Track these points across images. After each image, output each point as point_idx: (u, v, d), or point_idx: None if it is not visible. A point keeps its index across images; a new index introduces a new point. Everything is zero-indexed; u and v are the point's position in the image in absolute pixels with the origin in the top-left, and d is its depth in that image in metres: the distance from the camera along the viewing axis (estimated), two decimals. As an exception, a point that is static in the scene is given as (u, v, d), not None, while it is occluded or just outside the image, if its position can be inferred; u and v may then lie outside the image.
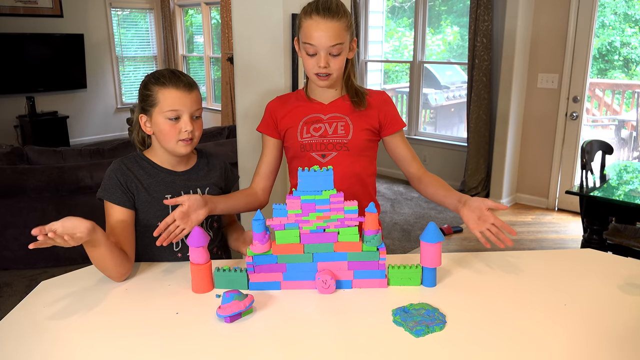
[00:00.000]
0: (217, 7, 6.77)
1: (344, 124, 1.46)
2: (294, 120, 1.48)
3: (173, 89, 1.32)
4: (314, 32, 1.35)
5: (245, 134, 2.43)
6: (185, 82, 1.34)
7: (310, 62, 1.39)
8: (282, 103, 1.52)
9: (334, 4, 1.37)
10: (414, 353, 0.96)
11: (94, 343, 1.01)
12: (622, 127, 5.12)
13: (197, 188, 1.44)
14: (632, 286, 1.20)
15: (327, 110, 1.48)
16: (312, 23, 1.35)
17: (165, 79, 1.33)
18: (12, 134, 6.45)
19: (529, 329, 1.03)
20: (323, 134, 1.45)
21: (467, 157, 4.53)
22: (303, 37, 1.38)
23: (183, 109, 1.32)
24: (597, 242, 2.54)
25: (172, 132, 1.33)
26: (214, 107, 7.41)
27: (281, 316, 1.10)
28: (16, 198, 3.05)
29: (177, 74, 1.35)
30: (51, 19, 6.53)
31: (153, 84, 1.34)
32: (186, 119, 1.33)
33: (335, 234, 1.17)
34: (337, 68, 1.39)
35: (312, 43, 1.36)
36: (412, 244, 3.61)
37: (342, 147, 1.45)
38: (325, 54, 1.36)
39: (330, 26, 1.34)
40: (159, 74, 1.35)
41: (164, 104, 1.32)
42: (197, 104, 1.36)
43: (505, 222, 1.26)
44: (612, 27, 4.64)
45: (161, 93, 1.32)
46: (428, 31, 4.95)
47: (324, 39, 1.34)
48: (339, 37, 1.35)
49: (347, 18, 1.38)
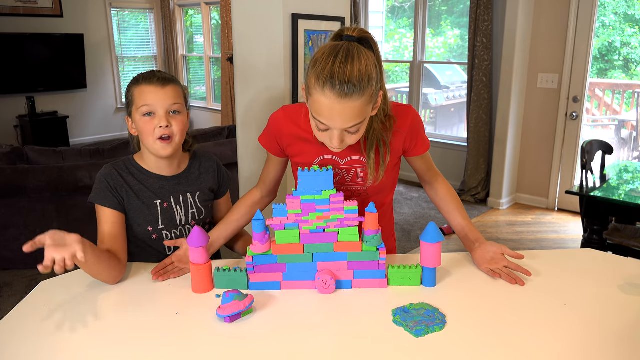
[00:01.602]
0: (217, 7, 6.77)
1: (363, 170, 1.29)
2: (304, 156, 1.30)
3: (146, 85, 1.30)
4: (326, 113, 1.06)
5: (245, 134, 2.43)
6: (158, 77, 1.31)
7: (322, 136, 1.14)
8: (291, 124, 1.29)
9: (356, 75, 1.02)
10: (414, 353, 0.96)
11: (93, 343, 1.01)
12: (622, 127, 5.12)
13: (187, 193, 1.42)
14: (632, 286, 1.20)
15: (344, 154, 1.27)
16: (324, 101, 1.04)
17: (141, 77, 1.33)
18: (12, 134, 6.45)
19: (529, 329, 1.03)
20: (340, 182, 1.31)
21: (467, 157, 4.53)
22: (312, 108, 1.09)
23: (156, 103, 1.30)
24: (597, 242, 2.54)
25: (147, 128, 1.30)
26: (214, 107, 7.41)
27: (281, 316, 1.10)
28: (16, 198, 3.05)
29: (154, 72, 1.34)
30: (51, 19, 6.53)
31: (132, 84, 1.34)
32: (161, 114, 1.30)
33: (335, 234, 1.17)
34: (354, 140, 1.13)
35: (323, 122, 1.08)
36: (412, 244, 3.61)
37: (362, 193, 1.33)
38: (340, 133, 1.10)
39: (349, 107, 1.04)
40: (138, 75, 1.35)
41: (138, 101, 1.31)
42: (172, 98, 1.31)
43: (517, 260, 1.24)
44: (612, 27, 4.64)
45: (136, 91, 1.32)
46: (428, 31, 4.95)
47: (338, 123, 1.07)
48: (360, 115, 1.07)
49: (372, 86, 1.06)
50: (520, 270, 1.24)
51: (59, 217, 3.12)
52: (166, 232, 1.40)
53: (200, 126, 7.30)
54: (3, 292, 2.88)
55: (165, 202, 1.39)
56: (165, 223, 1.39)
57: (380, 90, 1.12)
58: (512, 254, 1.27)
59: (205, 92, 7.61)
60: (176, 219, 1.40)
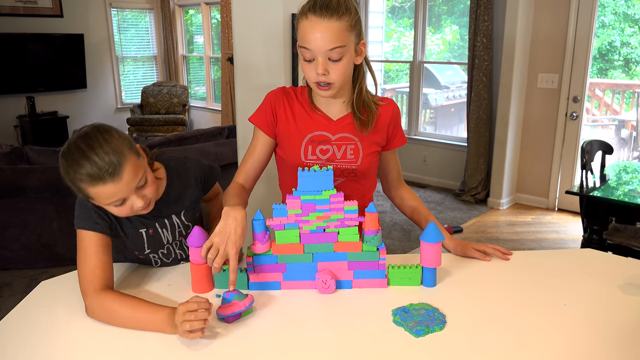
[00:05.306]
0: (217, 7, 6.77)
1: (353, 147, 1.33)
2: (296, 132, 1.33)
3: (92, 180, 1.09)
4: (310, 34, 1.17)
5: (245, 134, 2.43)
6: (101, 168, 1.07)
7: (308, 70, 1.22)
8: (287, 99, 1.35)
9: (334, 1, 1.19)
10: (414, 353, 0.96)
11: (93, 343, 1.01)
12: (622, 127, 5.12)
13: (171, 215, 1.31)
14: (632, 286, 1.20)
15: (336, 129, 1.32)
16: (307, 24, 1.18)
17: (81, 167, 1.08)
18: (12, 134, 6.44)
19: (529, 329, 1.03)
20: (330, 158, 1.32)
21: (467, 157, 4.53)
22: (299, 39, 1.21)
23: (116, 194, 1.11)
24: (597, 242, 2.54)
25: (113, 210, 1.16)
26: (214, 107, 7.41)
27: (281, 316, 1.10)
28: (16, 198, 3.05)
29: (92, 159, 1.07)
30: (51, 19, 6.53)
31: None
32: (131, 200, 1.13)
33: (335, 234, 1.17)
34: (338, 75, 1.21)
35: (308, 47, 1.19)
36: (412, 244, 3.61)
37: (350, 173, 1.34)
38: (324, 59, 1.19)
39: (329, 27, 1.16)
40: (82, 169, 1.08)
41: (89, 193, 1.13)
42: (131, 180, 1.11)
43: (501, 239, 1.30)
44: (612, 27, 4.64)
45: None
46: (428, 31, 4.95)
47: (320, 42, 1.17)
48: (339, 39, 1.17)
49: (350, 16, 1.19)
50: (500, 249, 1.37)
51: (59, 217, 3.12)
52: (153, 254, 1.33)
53: (200, 126, 7.30)
54: (3, 292, 2.88)
55: (150, 229, 1.29)
56: (151, 247, 1.31)
57: (363, 40, 1.25)
58: (492, 251, 1.38)
59: (205, 92, 7.61)
60: (163, 240, 1.32)
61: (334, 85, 1.23)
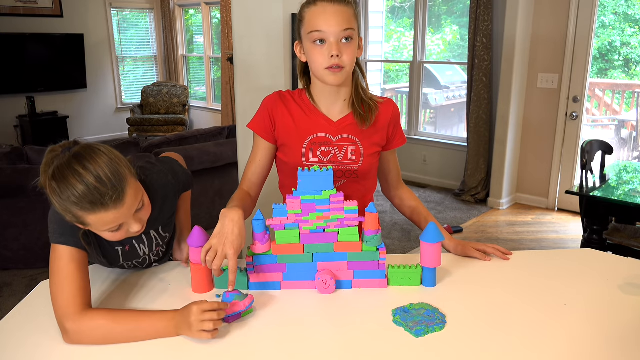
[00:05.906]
0: (217, 7, 6.77)
1: (354, 148, 1.33)
2: (297, 135, 1.32)
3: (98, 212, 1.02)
4: (321, 17, 1.20)
5: (245, 134, 2.43)
6: (103, 193, 1.00)
7: (318, 55, 1.22)
8: (284, 103, 1.34)
9: None
10: (414, 353, 0.96)
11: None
12: (622, 127, 5.12)
13: (149, 231, 1.25)
14: (632, 286, 1.20)
15: (337, 131, 1.32)
16: (317, 9, 1.21)
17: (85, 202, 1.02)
18: (12, 134, 6.45)
19: (529, 329, 1.03)
20: (332, 160, 1.32)
21: (467, 157, 4.53)
22: (308, 26, 1.22)
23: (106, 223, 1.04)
24: (597, 242, 2.54)
25: (106, 235, 1.09)
26: (214, 107, 7.41)
27: (281, 316, 1.10)
28: (16, 198, 3.05)
29: (89, 182, 0.99)
30: (51, 19, 6.53)
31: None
32: (128, 224, 1.07)
33: (335, 234, 1.17)
34: (350, 58, 1.23)
35: (320, 29, 1.20)
36: (412, 244, 3.61)
37: (352, 174, 1.34)
38: (337, 40, 1.20)
39: (340, 10, 1.21)
40: (83, 197, 1.01)
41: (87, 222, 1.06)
42: (133, 205, 1.05)
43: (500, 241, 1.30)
44: (612, 27, 4.64)
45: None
46: (428, 31, 4.95)
47: (333, 23, 1.19)
48: (350, 21, 1.21)
49: (354, 6, 1.25)
50: (500, 249, 1.38)
51: (59, 217, 3.12)
52: (127, 262, 1.27)
53: (200, 126, 7.30)
54: (3, 292, 2.88)
55: (127, 246, 1.23)
56: (126, 260, 1.27)
57: (360, 37, 1.29)
58: (492, 251, 1.39)
59: (205, 92, 7.61)
60: (139, 253, 1.27)
61: (345, 70, 1.23)
